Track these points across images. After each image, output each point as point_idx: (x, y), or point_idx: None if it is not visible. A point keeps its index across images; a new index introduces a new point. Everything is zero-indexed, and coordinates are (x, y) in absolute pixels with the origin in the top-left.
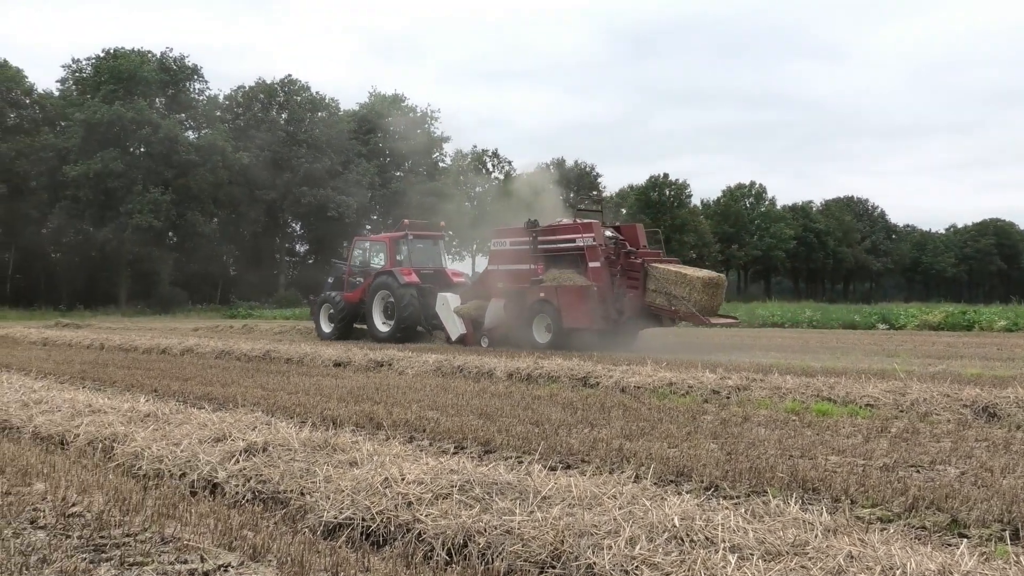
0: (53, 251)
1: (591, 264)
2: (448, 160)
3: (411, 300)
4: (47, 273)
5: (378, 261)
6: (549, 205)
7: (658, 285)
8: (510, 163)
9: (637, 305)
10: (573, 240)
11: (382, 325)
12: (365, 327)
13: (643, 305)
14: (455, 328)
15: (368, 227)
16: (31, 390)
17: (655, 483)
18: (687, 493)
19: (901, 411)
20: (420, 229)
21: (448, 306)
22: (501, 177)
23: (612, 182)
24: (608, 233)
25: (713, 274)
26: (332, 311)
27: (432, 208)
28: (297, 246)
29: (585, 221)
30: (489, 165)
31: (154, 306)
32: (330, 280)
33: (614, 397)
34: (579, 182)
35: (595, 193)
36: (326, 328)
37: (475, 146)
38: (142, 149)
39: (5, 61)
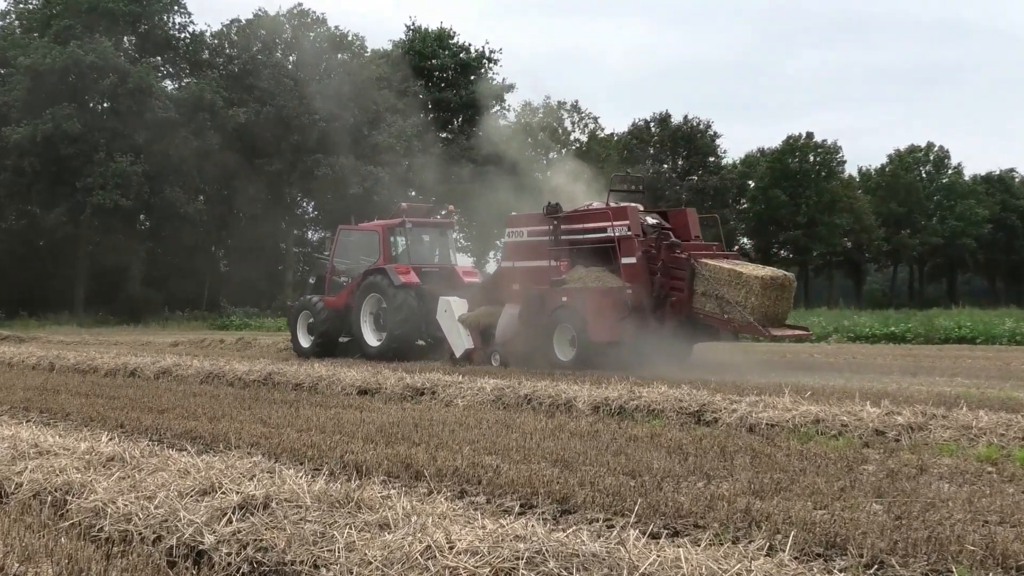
0: None
1: (624, 260)
2: (512, 116)
3: (407, 306)
4: None
5: (369, 256)
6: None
7: (707, 286)
8: (595, 119)
9: (681, 312)
10: (604, 229)
11: (372, 338)
12: (352, 340)
13: (689, 312)
14: (460, 341)
15: (403, 205)
16: None
17: (796, 557)
18: (841, 573)
19: None
20: (422, 214)
21: (451, 313)
22: (583, 138)
23: (734, 144)
24: (650, 220)
25: (777, 272)
26: (312, 320)
27: (490, 183)
28: (309, 233)
29: (619, 205)
30: (568, 122)
31: (120, 313)
32: (312, 280)
33: (739, 439)
34: (690, 144)
35: (628, 172)
36: (304, 342)
37: (547, 97)
38: (105, 104)
39: None
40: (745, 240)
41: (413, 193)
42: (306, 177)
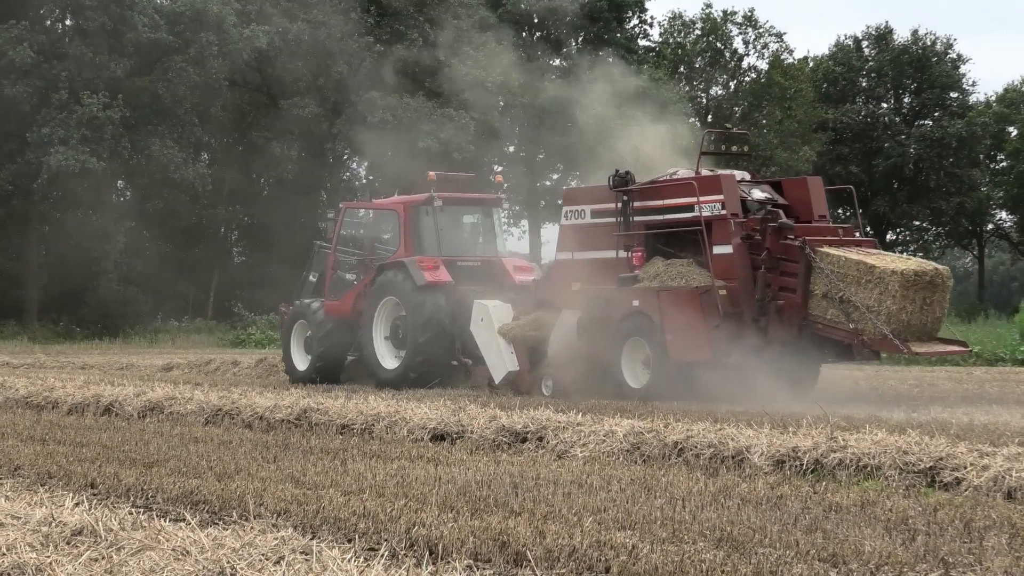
0: None
1: (716, 249)
2: (656, 34)
3: (434, 314)
4: None
5: (387, 245)
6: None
7: (829, 285)
8: (780, 38)
9: (793, 320)
10: (690, 207)
11: (389, 357)
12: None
13: (804, 320)
14: (500, 361)
15: (500, 169)
16: None
17: None
18: None
19: None
20: (457, 188)
21: (490, 323)
22: (763, 65)
23: (988, 74)
24: (758, 194)
25: (925, 266)
26: (309, 332)
27: (628, 133)
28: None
29: (711, 173)
30: (739, 42)
31: (90, 323)
32: (311, 277)
33: (991, 509)
34: (921, 73)
35: (728, 126)
36: (299, 362)
37: (708, 6)
38: (68, 22)
39: None
40: (1005, 216)
41: (511, 149)
42: (354, 125)
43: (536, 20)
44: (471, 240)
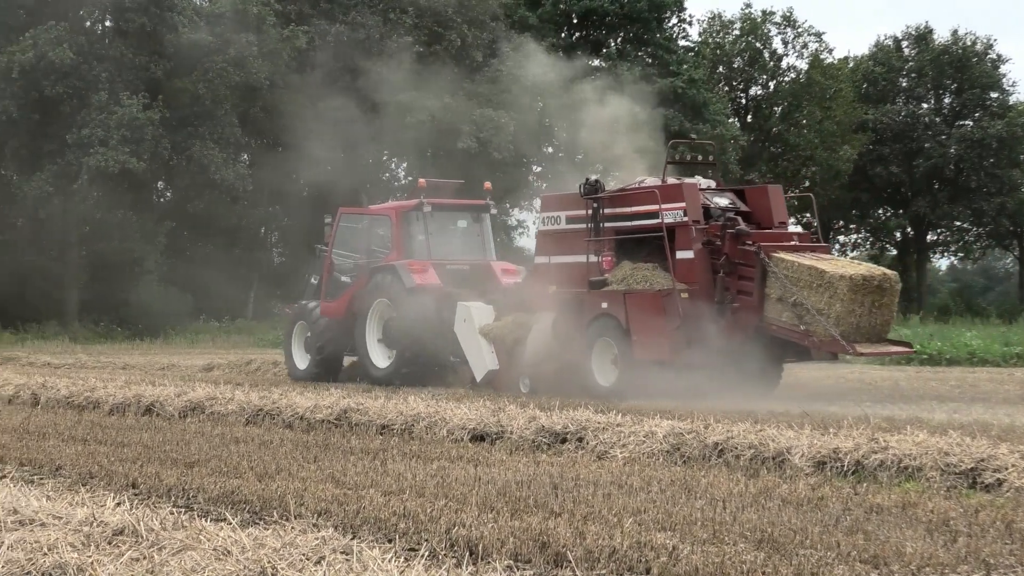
0: None
1: (679, 254)
2: (696, 33)
3: (422, 315)
4: None
5: (383, 249)
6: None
7: (783, 289)
8: (819, 37)
9: (749, 323)
10: (655, 214)
11: (380, 356)
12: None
13: (760, 322)
14: (481, 360)
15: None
16: None
17: None
18: None
19: None
20: (447, 193)
21: (472, 324)
22: (802, 65)
23: None
24: (721, 201)
25: (874, 271)
26: (309, 333)
27: (667, 133)
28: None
29: (673, 182)
30: (778, 42)
31: (131, 323)
32: (313, 280)
33: None
34: (962, 73)
35: (694, 137)
36: (300, 361)
37: (747, 6)
38: (107, 23)
39: None
40: None
41: (550, 150)
42: (392, 125)
43: (575, 20)
44: (461, 244)
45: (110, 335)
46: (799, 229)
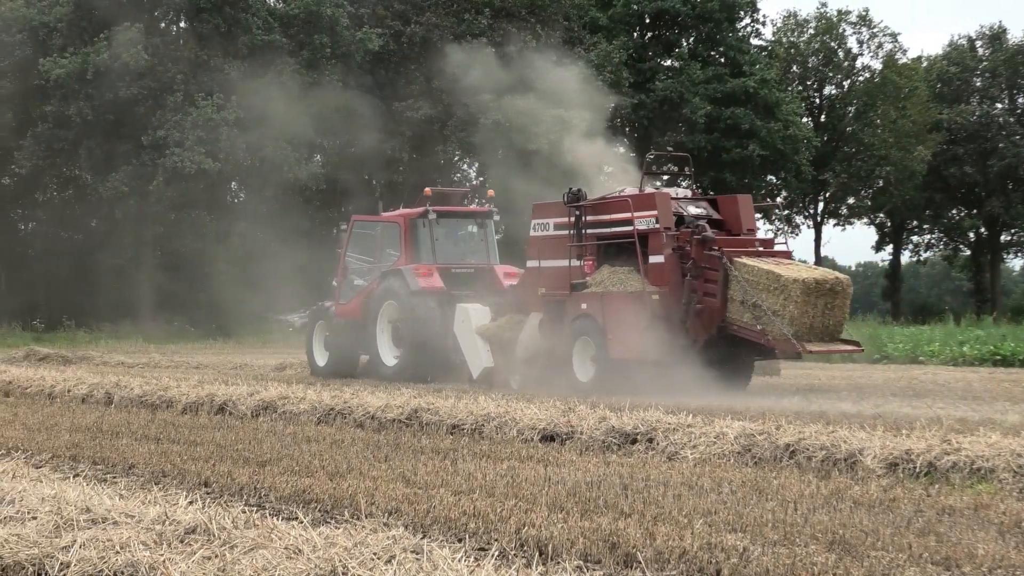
0: (19, 221)
1: (652, 258)
2: (768, 33)
3: (426, 316)
4: (9, 261)
5: (395, 253)
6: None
7: (744, 292)
8: (895, 38)
9: (712, 323)
10: (630, 221)
11: (389, 355)
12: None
13: (723, 323)
14: (477, 358)
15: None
16: None
17: None
18: None
19: None
20: (452, 202)
21: (469, 324)
22: (876, 65)
23: None
24: (693, 210)
25: (826, 274)
26: (327, 333)
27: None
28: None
29: (647, 191)
30: (852, 41)
31: (204, 322)
32: (335, 283)
33: None
34: None
35: (670, 149)
36: (319, 358)
37: (823, 5)
38: (182, 24)
39: None
40: None
41: (622, 151)
42: (467, 127)
43: (647, 20)
44: (466, 249)
45: (183, 335)
46: (766, 236)
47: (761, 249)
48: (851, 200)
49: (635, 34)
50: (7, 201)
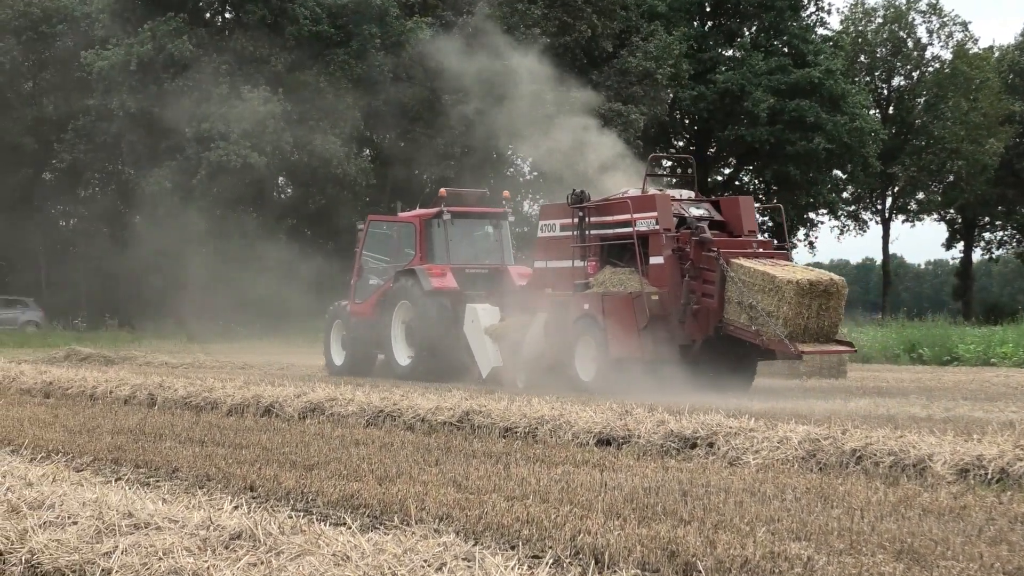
0: (60, 217)
1: (652, 259)
2: (836, 22)
3: (439, 316)
4: (50, 258)
5: (407, 253)
6: None
7: (740, 293)
8: (965, 27)
9: (709, 324)
10: (631, 222)
11: (403, 354)
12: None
13: (719, 323)
14: (486, 358)
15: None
16: (24, 483)
17: None
18: None
19: None
20: (467, 202)
21: (478, 324)
22: (946, 55)
23: None
24: (696, 211)
25: (821, 276)
26: (344, 331)
27: (805, 126)
28: (525, 204)
29: (647, 193)
30: (922, 31)
31: (251, 321)
32: (352, 282)
33: None
34: None
35: (672, 151)
36: (337, 357)
37: None
38: (228, 15)
39: None
40: None
41: (680, 144)
42: (518, 120)
43: (708, 9)
44: (480, 250)
45: (229, 334)
46: (765, 238)
47: (760, 250)
48: (920, 195)
49: (695, 23)
50: (48, 196)
